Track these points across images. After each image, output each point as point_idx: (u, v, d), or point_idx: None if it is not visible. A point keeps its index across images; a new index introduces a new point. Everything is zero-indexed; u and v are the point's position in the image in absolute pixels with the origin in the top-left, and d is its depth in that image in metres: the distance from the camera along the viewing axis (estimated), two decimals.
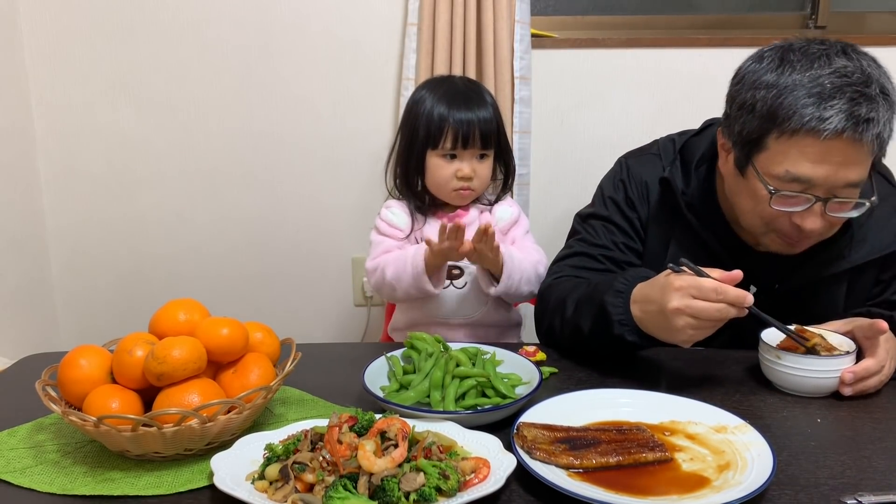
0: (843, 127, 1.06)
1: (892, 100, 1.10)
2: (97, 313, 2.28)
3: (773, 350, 1.12)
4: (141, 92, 2.12)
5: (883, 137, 1.09)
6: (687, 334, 1.07)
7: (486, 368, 1.10)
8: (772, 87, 1.12)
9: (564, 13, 2.21)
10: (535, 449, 0.89)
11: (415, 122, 1.44)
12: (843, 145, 1.07)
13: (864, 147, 1.08)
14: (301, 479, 0.82)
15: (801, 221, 1.15)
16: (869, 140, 1.07)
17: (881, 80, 1.09)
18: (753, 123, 1.14)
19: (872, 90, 1.07)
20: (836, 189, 1.12)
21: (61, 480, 0.89)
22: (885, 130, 1.09)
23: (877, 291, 1.30)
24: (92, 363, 0.96)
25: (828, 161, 1.09)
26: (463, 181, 1.44)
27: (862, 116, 1.06)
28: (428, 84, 1.50)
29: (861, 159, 1.10)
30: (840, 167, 1.09)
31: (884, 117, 1.08)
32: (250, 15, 2.07)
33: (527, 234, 1.53)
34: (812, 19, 2.19)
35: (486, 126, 1.43)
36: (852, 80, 1.08)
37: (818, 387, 1.10)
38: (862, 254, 1.26)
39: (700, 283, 1.04)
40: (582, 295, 1.25)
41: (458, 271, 1.48)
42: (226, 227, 2.23)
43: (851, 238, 1.26)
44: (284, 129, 2.15)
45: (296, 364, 1.04)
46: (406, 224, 1.49)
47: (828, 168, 1.09)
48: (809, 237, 1.18)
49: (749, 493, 0.80)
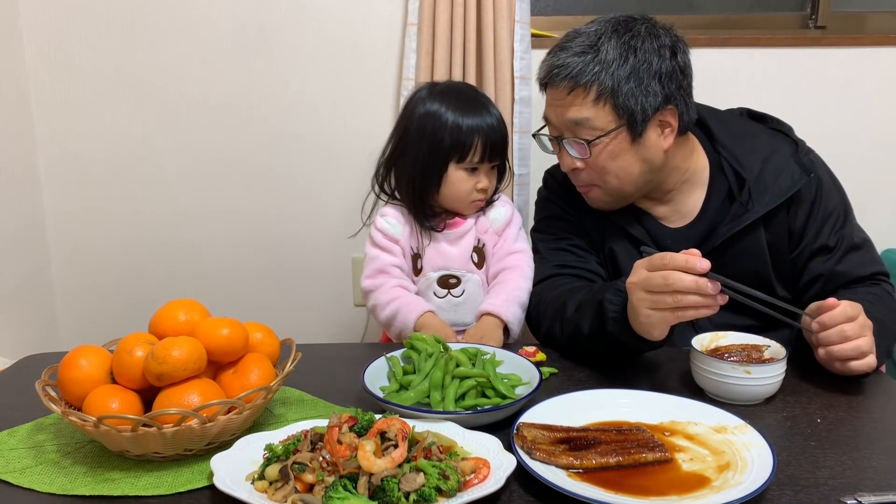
0: (543, 76, 1.34)
1: (597, 49, 1.27)
2: (97, 313, 2.28)
3: (703, 357, 1.10)
4: (141, 92, 2.12)
5: (582, 80, 1.27)
6: (643, 313, 1.07)
7: (485, 369, 1.10)
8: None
9: (564, 13, 2.21)
10: (535, 449, 0.89)
11: (435, 133, 1.39)
12: (552, 90, 1.33)
13: (564, 89, 1.29)
14: (301, 479, 0.82)
15: (559, 161, 1.40)
16: (565, 82, 1.28)
17: (598, 36, 1.28)
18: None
19: (574, 43, 1.29)
20: (567, 129, 1.32)
21: (61, 480, 0.89)
22: (588, 76, 1.27)
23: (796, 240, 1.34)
24: (92, 363, 0.96)
25: (551, 103, 1.35)
26: (481, 193, 1.44)
27: (554, 64, 1.30)
28: (436, 94, 1.43)
29: (568, 100, 1.30)
30: (559, 107, 1.32)
31: (578, 65, 1.27)
32: (250, 15, 2.07)
33: (520, 231, 1.53)
34: (812, 19, 2.19)
35: (504, 134, 1.43)
36: (566, 38, 1.32)
37: (747, 394, 1.07)
38: (765, 202, 1.33)
39: (652, 257, 1.07)
40: (584, 297, 1.27)
41: (455, 280, 1.47)
42: (226, 226, 2.23)
43: (750, 192, 1.34)
44: (284, 128, 2.15)
45: (296, 364, 1.04)
46: (402, 233, 1.47)
47: (552, 109, 1.34)
48: (578, 180, 1.38)
49: (749, 493, 0.80)
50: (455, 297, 1.47)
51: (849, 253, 1.33)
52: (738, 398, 1.08)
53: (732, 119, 1.45)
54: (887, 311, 1.25)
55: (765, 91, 2.08)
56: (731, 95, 1.78)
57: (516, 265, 1.46)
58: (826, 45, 2.08)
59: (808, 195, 1.33)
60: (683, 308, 1.03)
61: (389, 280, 1.45)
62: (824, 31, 2.17)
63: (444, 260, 1.46)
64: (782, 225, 1.34)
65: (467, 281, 1.47)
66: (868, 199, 2.05)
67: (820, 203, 1.34)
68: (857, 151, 2.13)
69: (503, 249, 1.48)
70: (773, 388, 1.09)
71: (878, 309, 1.21)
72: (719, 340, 1.17)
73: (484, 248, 1.48)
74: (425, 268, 1.47)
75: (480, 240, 1.48)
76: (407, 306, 1.40)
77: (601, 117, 1.28)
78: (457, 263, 1.46)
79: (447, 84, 1.49)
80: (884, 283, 1.34)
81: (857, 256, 1.33)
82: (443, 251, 1.46)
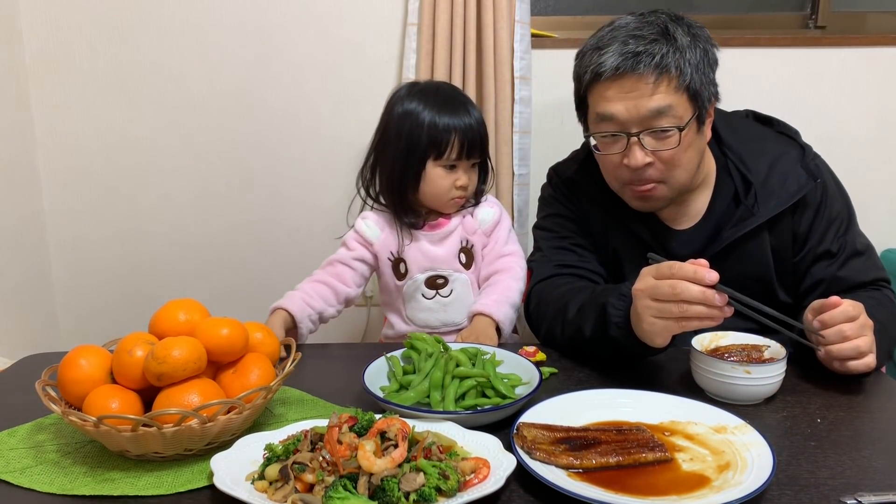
0: (617, 65, 1.24)
1: (672, 37, 1.24)
2: (97, 313, 2.28)
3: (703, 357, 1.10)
4: (141, 92, 2.12)
5: (665, 64, 1.22)
6: (648, 320, 1.07)
7: (485, 368, 1.10)
8: (577, 57, 1.33)
9: (564, 13, 2.21)
10: (535, 449, 0.89)
11: (413, 131, 1.40)
12: (627, 79, 1.24)
13: (648, 76, 1.22)
14: (301, 479, 0.82)
15: (628, 161, 1.27)
16: (649, 69, 1.22)
17: (664, 25, 1.25)
18: (575, 92, 1.36)
19: (645, 32, 1.24)
20: (645, 122, 1.24)
21: (61, 480, 0.89)
22: (669, 60, 1.22)
23: (800, 244, 1.34)
24: (92, 363, 0.96)
25: (621, 97, 1.25)
26: (460, 190, 1.44)
27: (631, 51, 1.23)
28: (415, 93, 1.45)
29: (649, 89, 1.23)
30: (635, 99, 1.24)
31: (661, 50, 1.22)
32: (250, 15, 2.07)
33: (510, 232, 1.53)
34: (812, 19, 2.19)
35: (483, 134, 1.44)
36: (627, 28, 1.26)
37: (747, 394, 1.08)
38: (771, 206, 1.32)
39: (660, 265, 1.06)
40: (586, 298, 1.27)
41: (442, 280, 1.47)
42: (226, 226, 2.23)
43: (756, 196, 1.33)
44: (284, 128, 2.15)
45: (296, 364, 1.04)
46: (378, 237, 1.48)
47: (624, 103, 1.24)
48: (644, 178, 1.29)
49: (749, 493, 0.80)
50: (443, 298, 1.47)
51: (851, 259, 1.33)
52: (738, 398, 1.08)
53: (739, 121, 1.45)
54: (888, 315, 1.25)
55: (765, 91, 2.07)
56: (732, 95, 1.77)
57: (508, 267, 1.47)
58: (826, 45, 2.08)
59: (813, 200, 1.33)
60: (688, 318, 1.04)
61: (320, 273, 1.49)
62: (824, 31, 2.17)
63: (430, 261, 1.47)
64: (786, 229, 1.34)
65: (455, 281, 1.47)
66: (868, 199, 2.05)
67: (824, 208, 1.34)
68: (856, 151, 2.13)
69: (494, 252, 1.49)
70: (773, 388, 1.09)
71: (880, 312, 1.21)
72: (719, 340, 1.17)
73: (472, 248, 1.49)
74: (411, 270, 1.47)
75: (469, 240, 1.49)
76: (287, 296, 1.42)
77: (680, 105, 1.25)
78: (443, 263, 1.47)
79: (427, 83, 1.50)
80: (885, 290, 1.34)
81: (859, 262, 1.33)
82: (427, 252, 1.47)
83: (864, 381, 1.16)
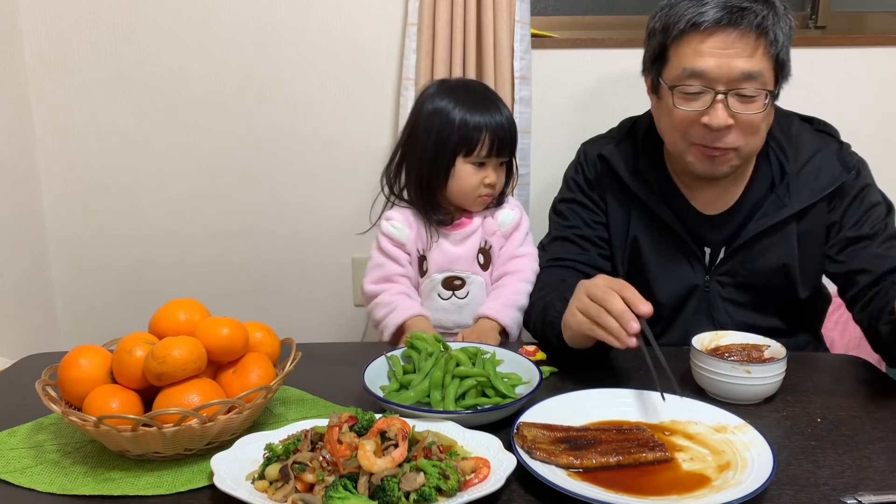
0: (719, 17, 1.18)
1: (771, 1, 1.21)
2: (97, 313, 2.27)
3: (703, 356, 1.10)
4: (141, 92, 2.12)
5: (766, 27, 1.19)
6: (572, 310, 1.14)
7: (486, 368, 1.10)
8: (664, 7, 1.27)
9: (564, 13, 2.21)
10: (535, 449, 0.89)
11: (443, 128, 1.40)
12: (726, 35, 1.19)
13: (748, 35, 1.19)
14: (301, 479, 0.82)
15: (709, 119, 1.22)
16: (751, 28, 1.18)
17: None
18: (655, 43, 1.29)
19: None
20: (734, 83, 1.20)
21: (61, 480, 0.89)
22: (769, 22, 1.19)
23: (834, 233, 1.34)
24: (92, 363, 0.96)
25: (716, 53, 1.20)
26: (488, 188, 1.44)
27: (736, 6, 1.18)
28: (445, 90, 1.44)
29: (748, 49, 1.19)
30: (730, 58, 1.19)
31: (762, 11, 1.19)
32: (250, 15, 2.06)
33: (527, 235, 1.53)
34: (812, 19, 2.19)
35: (513, 133, 1.43)
36: None
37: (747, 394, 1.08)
38: (803, 198, 1.33)
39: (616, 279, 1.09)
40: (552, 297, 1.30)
41: (459, 282, 1.47)
42: (226, 226, 2.23)
43: (788, 186, 1.33)
44: (284, 128, 2.15)
45: (296, 364, 1.04)
46: (408, 237, 1.46)
47: (718, 59, 1.20)
48: (722, 141, 1.24)
49: (749, 493, 0.80)
50: (459, 300, 1.47)
51: (891, 239, 1.31)
52: (738, 398, 1.08)
53: (782, 113, 1.42)
54: None
55: None
56: None
57: (519, 269, 1.46)
58: (826, 45, 2.08)
59: (849, 190, 1.33)
60: (599, 325, 1.06)
61: (394, 286, 1.45)
62: (824, 31, 2.17)
63: (449, 261, 1.46)
64: (820, 222, 1.34)
65: (472, 283, 1.47)
66: None
67: (861, 197, 1.33)
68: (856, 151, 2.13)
69: (507, 252, 1.48)
70: (773, 388, 1.09)
71: None
72: (719, 340, 1.17)
73: (490, 249, 1.49)
74: (430, 269, 1.47)
75: (487, 241, 1.48)
76: (402, 308, 1.41)
77: (768, 73, 1.22)
78: (462, 265, 1.46)
79: (457, 81, 1.50)
80: None
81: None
82: (448, 252, 1.46)
83: (864, 381, 1.16)
